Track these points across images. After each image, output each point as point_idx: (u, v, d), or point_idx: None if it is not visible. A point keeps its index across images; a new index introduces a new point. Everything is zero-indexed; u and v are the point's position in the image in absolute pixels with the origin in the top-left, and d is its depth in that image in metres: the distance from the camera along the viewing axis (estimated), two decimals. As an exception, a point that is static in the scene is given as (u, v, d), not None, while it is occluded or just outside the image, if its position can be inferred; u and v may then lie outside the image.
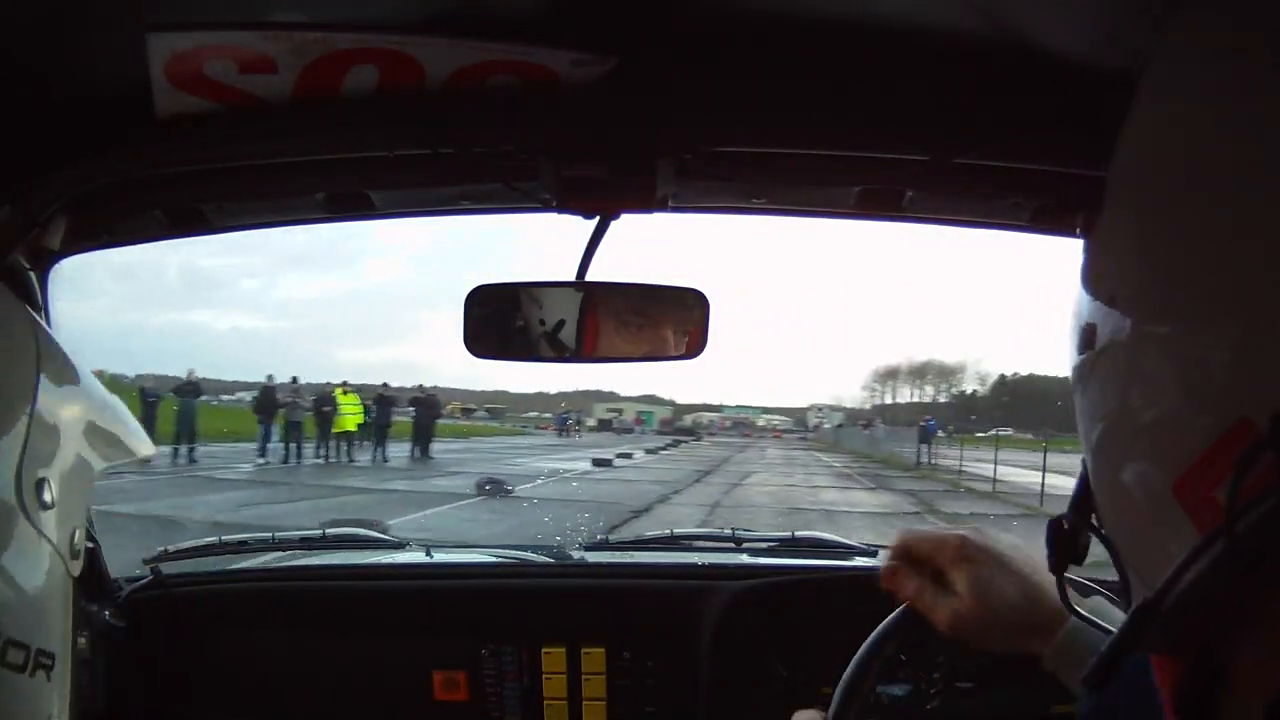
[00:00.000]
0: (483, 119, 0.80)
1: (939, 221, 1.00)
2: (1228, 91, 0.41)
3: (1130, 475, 0.45)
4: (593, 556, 1.47)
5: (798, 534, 1.53)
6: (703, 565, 1.40)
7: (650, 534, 1.61)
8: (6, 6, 0.68)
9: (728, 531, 1.55)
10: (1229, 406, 0.38)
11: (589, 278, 0.92)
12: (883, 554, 1.47)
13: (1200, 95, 0.43)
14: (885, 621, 0.97)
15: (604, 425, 60.91)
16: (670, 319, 0.94)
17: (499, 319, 0.93)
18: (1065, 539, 0.56)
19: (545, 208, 0.88)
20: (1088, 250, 0.49)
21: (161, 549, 1.41)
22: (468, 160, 0.87)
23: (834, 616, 1.22)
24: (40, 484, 0.54)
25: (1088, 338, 0.47)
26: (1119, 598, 0.51)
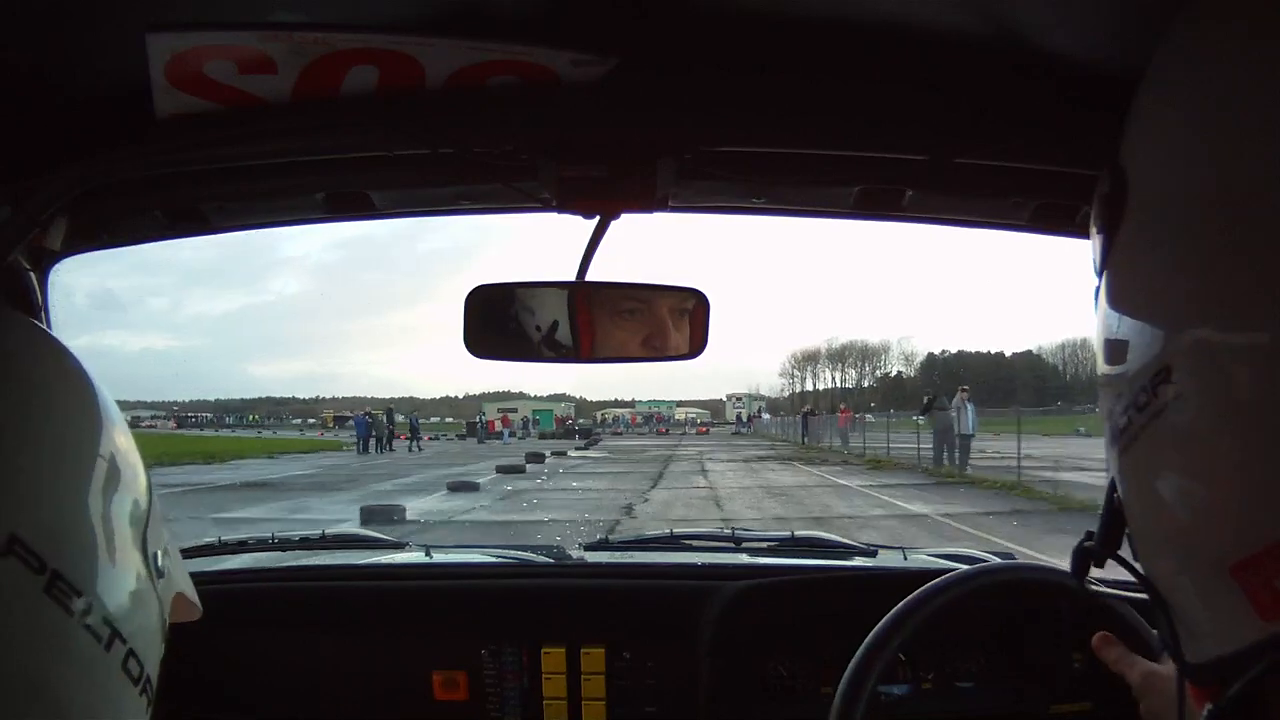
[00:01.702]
0: (483, 119, 0.80)
1: (939, 221, 1.01)
2: (1250, 89, 0.39)
3: (1181, 537, 0.43)
4: (592, 556, 1.47)
5: (797, 534, 1.53)
6: (703, 565, 1.40)
7: (650, 534, 1.61)
8: (6, 6, 0.68)
9: (727, 531, 1.56)
10: None
11: (589, 277, 0.92)
12: (882, 554, 1.48)
13: (1219, 96, 0.41)
14: (885, 619, 0.97)
15: (471, 430, 46.91)
16: (670, 318, 0.94)
17: (499, 320, 0.93)
18: (1088, 565, 0.55)
19: (545, 208, 0.88)
20: (1114, 261, 0.46)
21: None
22: (468, 160, 0.87)
23: (834, 616, 1.22)
24: (156, 554, 0.57)
25: (1118, 353, 0.45)
26: (1160, 636, 0.50)
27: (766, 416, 50.49)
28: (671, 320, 0.94)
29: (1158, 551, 0.46)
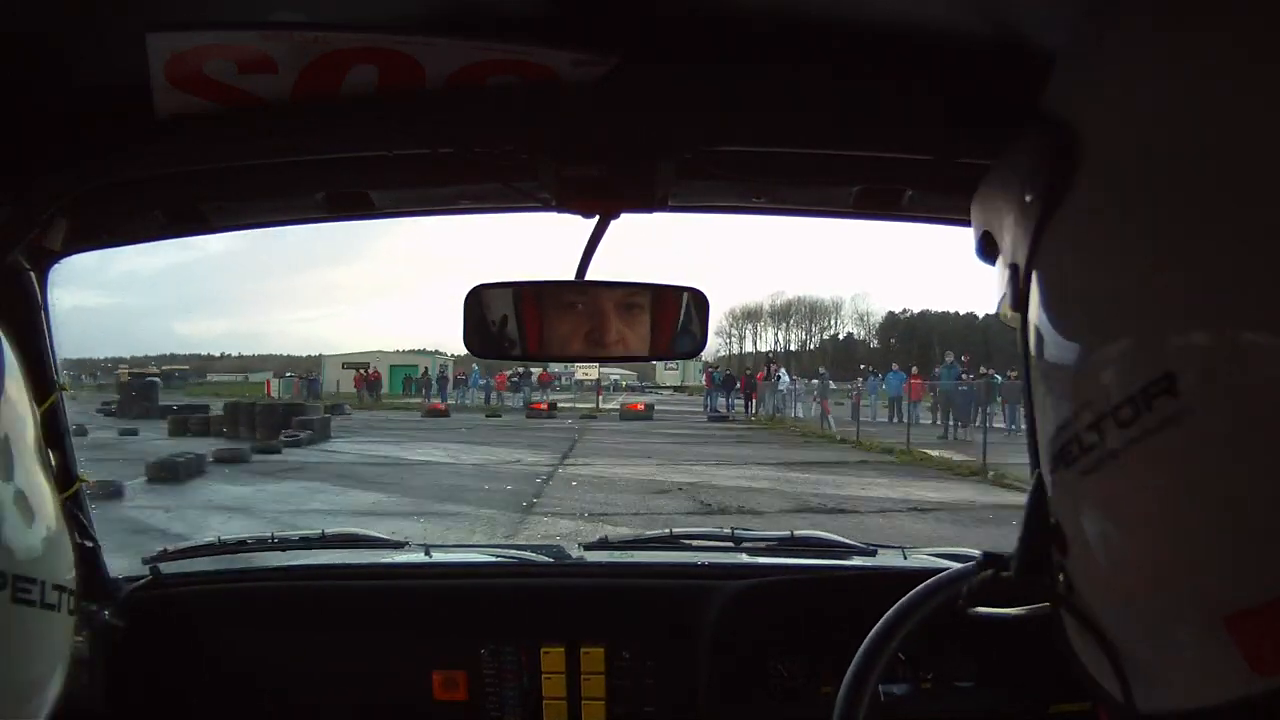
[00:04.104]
0: (483, 119, 0.80)
1: (939, 220, 1.01)
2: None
3: (1164, 579, 0.37)
4: (592, 556, 1.47)
5: (797, 533, 1.53)
6: (702, 565, 1.40)
7: (650, 534, 1.61)
8: (7, 7, 0.68)
9: (727, 531, 1.55)
10: None
11: (589, 276, 0.92)
12: (882, 553, 1.48)
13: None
14: (884, 617, 0.97)
15: (131, 388, 22.64)
16: (669, 317, 0.95)
17: (499, 319, 0.93)
18: (988, 594, 0.51)
19: (545, 207, 0.88)
20: (1064, 236, 0.40)
21: (161, 549, 1.41)
22: (468, 160, 0.87)
23: (834, 616, 1.22)
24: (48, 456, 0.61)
25: (1078, 352, 0.39)
26: (1087, 678, 0.45)
27: (785, 377, 24.87)
28: (671, 318, 0.94)
29: (1123, 592, 0.40)
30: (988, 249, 0.55)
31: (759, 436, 16.49)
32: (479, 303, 0.93)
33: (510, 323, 0.93)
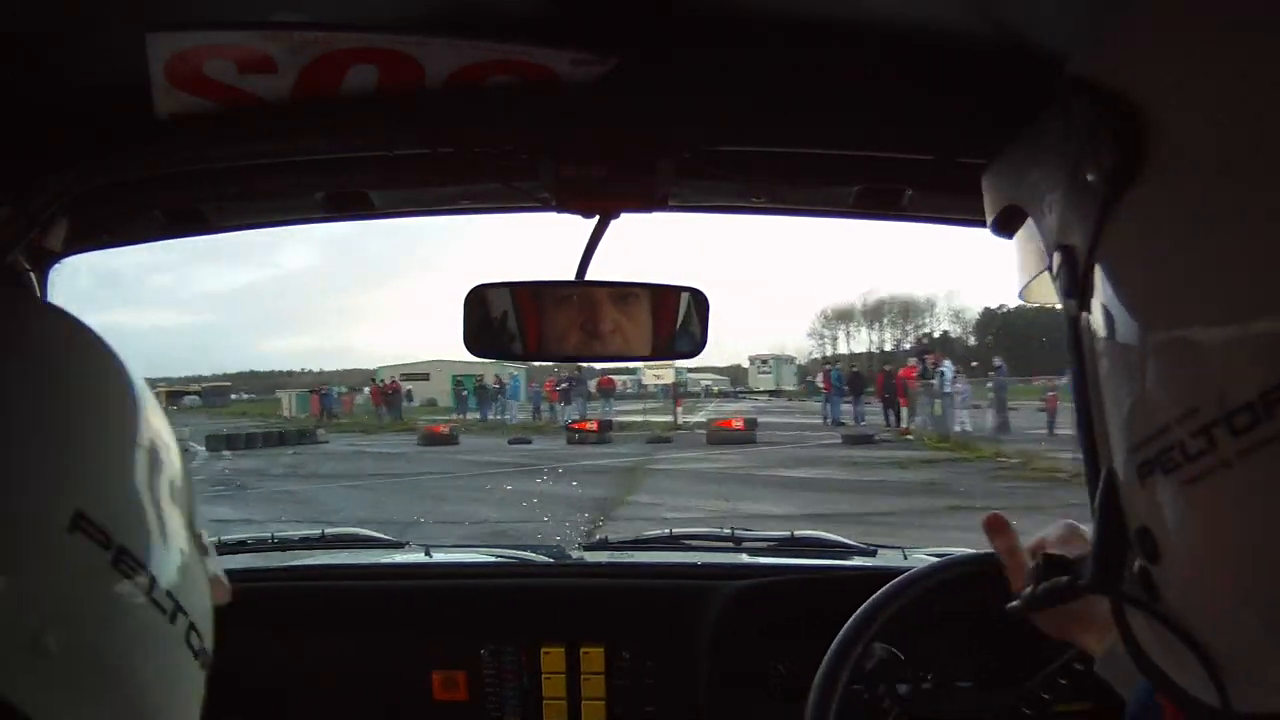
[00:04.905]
0: (483, 119, 0.80)
1: (940, 221, 1.01)
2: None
3: (1272, 586, 0.35)
4: (592, 556, 1.48)
5: (797, 533, 1.53)
6: (702, 565, 1.40)
7: (649, 534, 1.62)
8: (6, 7, 0.68)
9: (727, 531, 1.55)
10: None
11: (588, 276, 0.92)
12: (882, 553, 1.48)
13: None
14: (854, 616, 0.97)
15: None
16: (669, 317, 0.95)
17: (498, 319, 0.94)
18: (1061, 595, 0.49)
19: (545, 207, 0.89)
20: (1135, 229, 0.37)
21: None
22: (467, 160, 0.88)
23: (833, 616, 1.22)
24: (202, 533, 0.61)
25: (1175, 355, 0.36)
26: (1165, 685, 0.43)
27: (950, 372, 14.73)
28: (670, 318, 0.95)
29: (1228, 600, 0.38)
30: (1006, 224, 0.53)
31: (970, 484, 9.53)
32: (479, 303, 0.93)
33: (510, 320, 0.93)
